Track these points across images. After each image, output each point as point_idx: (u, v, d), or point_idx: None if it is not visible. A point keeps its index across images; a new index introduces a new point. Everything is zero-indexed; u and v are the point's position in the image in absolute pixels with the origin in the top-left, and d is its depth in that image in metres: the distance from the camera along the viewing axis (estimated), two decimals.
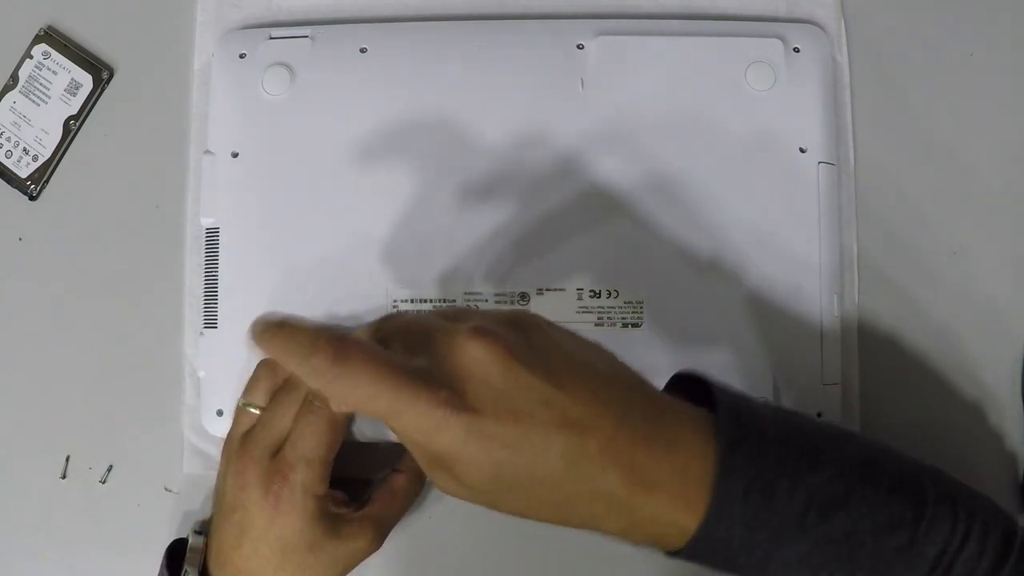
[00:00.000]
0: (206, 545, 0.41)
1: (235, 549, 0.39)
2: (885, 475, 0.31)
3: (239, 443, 0.41)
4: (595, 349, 0.33)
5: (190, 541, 0.42)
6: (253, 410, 0.41)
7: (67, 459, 0.48)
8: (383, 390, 0.29)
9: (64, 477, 0.48)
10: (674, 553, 0.31)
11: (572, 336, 0.33)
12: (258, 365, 0.43)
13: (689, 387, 0.34)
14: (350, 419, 0.42)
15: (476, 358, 0.29)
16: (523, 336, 0.31)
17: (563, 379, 0.30)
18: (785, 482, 0.29)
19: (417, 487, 0.43)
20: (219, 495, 0.41)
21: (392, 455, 0.44)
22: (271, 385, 0.41)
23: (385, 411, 0.29)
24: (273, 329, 0.31)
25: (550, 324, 0.33)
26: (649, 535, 0.30)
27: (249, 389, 0.42)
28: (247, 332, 0.32)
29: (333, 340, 0.30)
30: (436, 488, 0.32)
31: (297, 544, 0.38)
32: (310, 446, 0.38)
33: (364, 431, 0.43)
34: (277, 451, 0.39)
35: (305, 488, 0.38)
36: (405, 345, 0.32)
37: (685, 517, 0.30)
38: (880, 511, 0.30)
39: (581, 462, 0.29)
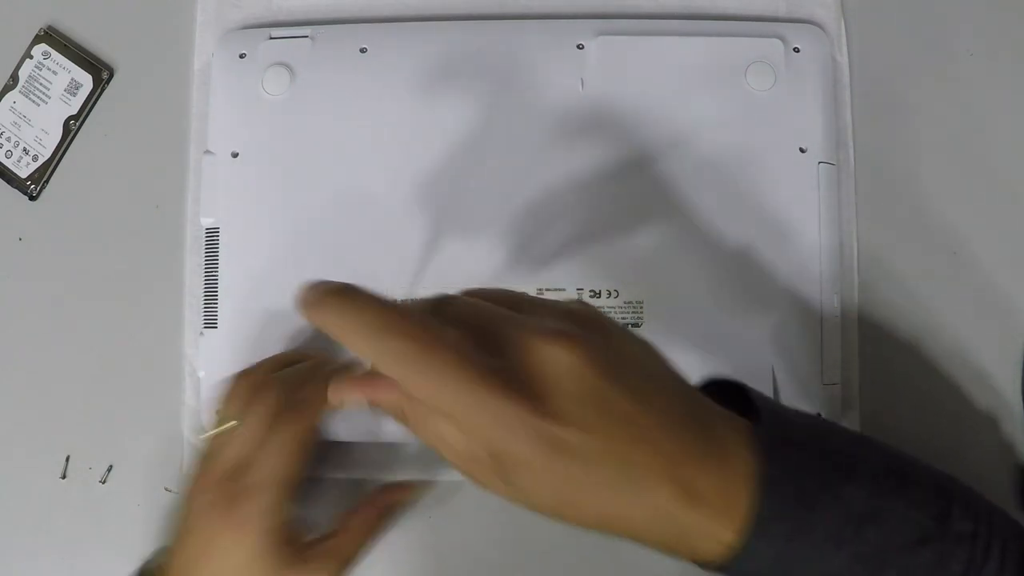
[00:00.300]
0: (165, 568, 0.39)
1: (192, 574, 0.37)
2: (914, 488, 0.31)
3: (202, 462, 0.39)
4: (656, 355, 0.31)
5: (151, 563, 0.41)
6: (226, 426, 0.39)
7: (67, 459, 0.48)
8: (467, 388, 0.27)
9: (64, 477, 0.48)
10: (713, 567, 0.30)
11: (636, 339, 0.31)
12: (234, 377, 0.41)
13: (718, 391, 0.34)
14: (318, 435, 0.41)
15: (560, 362, 0.28)
16: (600, 339, 0.29)
17: (640, 394, 0.29)
18: (824, 495, 0.29)
19: (386, 522, 0.42)
20: (180, 516, 0.39)
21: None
22: (246, 400, 0.39)
23: (460, 408, 0.28)
24: (338, 296, 0.29)
25: (613, 323, 0.31)
26: (691, 549, 0.29)
27: (225, 402, 0.41)
28: (297, 299, 0.30)
29: (421, 325, 0.28)
30: (474, 484, 0.30)
31: (253, 573, 0.36)
32: (274, 469, 0.37)
33: (344, 432, 0.43)
34: (241, 471, 0.37)
35: (265, 514, 0.36)
36: (474, 336, 0.29)
37: (728, 531, 0.29)
38: (910, 526, 0.30)
39: (644, 479, 0.28)
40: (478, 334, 0.29)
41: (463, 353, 0.28)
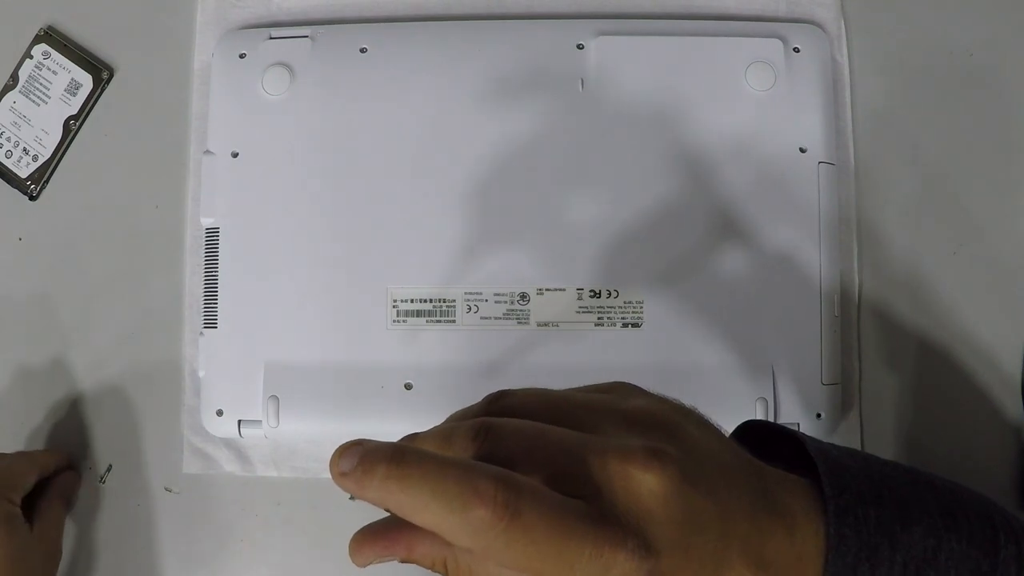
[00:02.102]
0: None
1: None
2: (964, 524, 0.30)
3: None
4: (716, 433, 0.29)
5: None
6: None
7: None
8: (561, 546, 0.24)
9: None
10: None
11: (697, 421, 0.29)
12: None
13: (755, 436, 0.32)
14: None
15: (652, 489, 0.25)
16: (679, 447, 0.27)
17: (718, 490, 0.27)
18: (886, 548, 0.28)
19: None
20: None
21: None
22: None
23: (554, 567, 0.24)
24: (394, 466, 0.25)
25: (678, 412, 0.29)
26: None
27: None
28: (335, 469, 0.25)
29: (499, 485, 0.24)
30: None
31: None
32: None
33: None
34: None
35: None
36: (544, 470, 0.26)
37: None
38: (963, 565, 0.29)
39: (726, 571, 0.26)
40: (550, 467, 0.26)
41: (559, 509, 0.24)
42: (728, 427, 0.32)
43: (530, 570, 0.25)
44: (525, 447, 0.26)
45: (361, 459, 0.25)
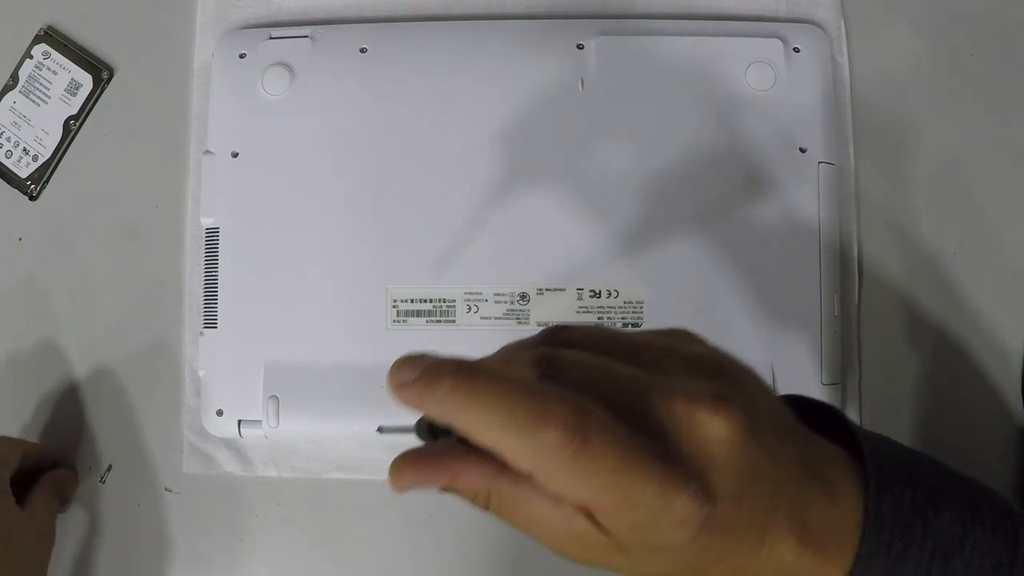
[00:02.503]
0: None
1: None
2: (988, 516, 0.30)
3: None
4: (770, 393, 0.29)
5: None
6: None
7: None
8: (626, 479, 0.24)
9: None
10: None
11: (755, 379, 0.29)
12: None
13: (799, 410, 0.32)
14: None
15: (720, 438, 0.25)
16: (743, 396, 0.26)
17: (774, 448, 0.26)
18: (919, 529, 0.28)
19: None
20: None
21: None
22: None
23: (613, 499, 0.24)
24: (461, 380, 0.24)
25: (737, 365, 0.28)
26: None
27: None
28: (395, 380, 0.25)
29: (572, 408, 0.23)
30: (570, 560, 0.27)
31: None
32: None
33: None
34: None
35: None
36: (604, 402, 0.25)
37: (837, 572, 0.27)
38: (986, 555, 0.29)
39: (774, 532, 0.27)
40: (613, 401, 0.25)
41: (628, 440, 0.24)
42: None
43: (589, 500, 0.24)
44: (588, 380, 0.26)
45: (425, 370, 0.24)
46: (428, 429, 0.28)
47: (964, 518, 0.29)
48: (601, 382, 0.26)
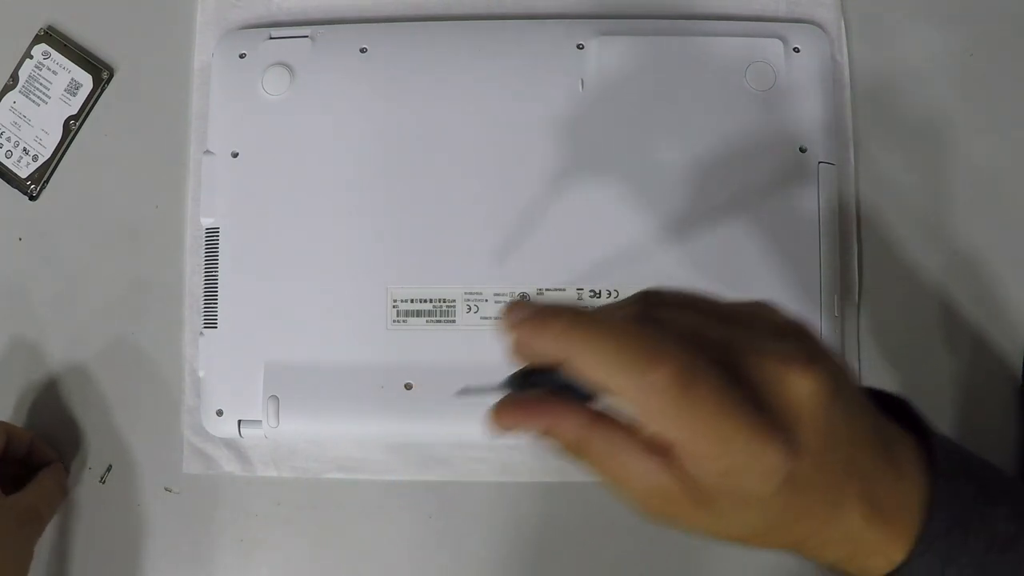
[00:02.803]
0: None
1: None
2: None
3: None
4: (848, 368, 0.30)
5: None
6: None
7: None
8: (723, 424, 0.25)
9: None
10: None
11: (833, 351, 0.30)
12: None
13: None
14: None
15: (808, 397, 0.26)
16: (828, 361, 0.27)
17: (851, 415, 0.28)
18: (976, 520, 0.29)
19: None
20: None
21: None
22: None
23: (708, 444, 0.25)
24: (574, 317, 0.26)
25: (817, 336, 0.29)
26: (862, 566, 0.29)
27: None
28: (508, 321, 0.26)
29: (681, 351, 0.25)
30: (650, 519, 0.28)
31: None
32: None
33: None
34: None
35: None
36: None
37: (898, 549, 0.29)
38: None
39: (846, 500, 0.28)
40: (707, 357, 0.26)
41: (727, 392, 0.25)
42: None
43: (686, 443, 0.25)
44: (692, 334, 0.27)
45: (541, 310, 0.26)
46: (522, 380, 0.28)
47: (1019, 515, 0.30)
48: (697, 339, 0.27)
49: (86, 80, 0.50)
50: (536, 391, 0.28)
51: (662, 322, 0.27)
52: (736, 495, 0.26)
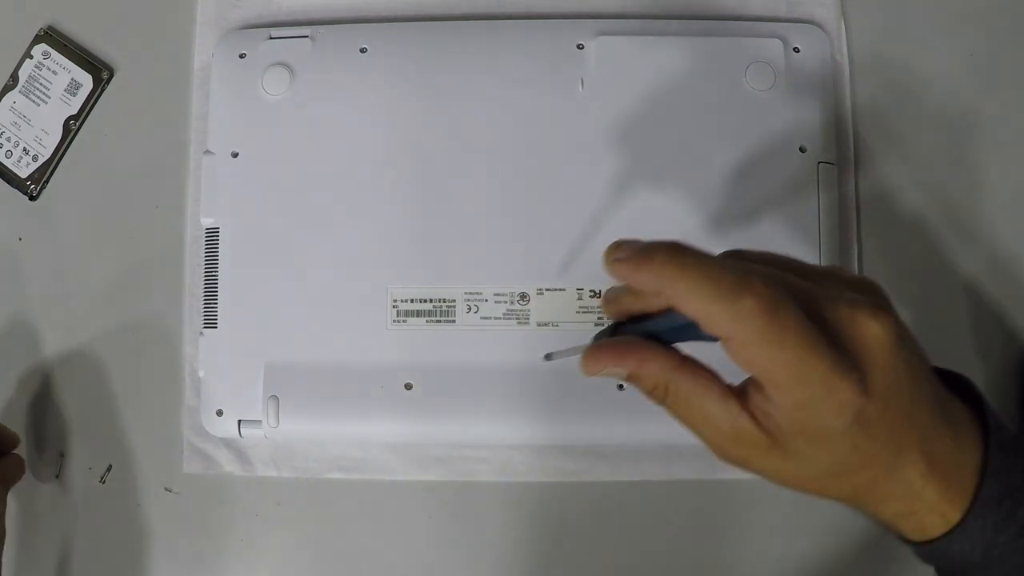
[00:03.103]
0: None
1: None
2: None
3: None
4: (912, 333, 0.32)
5: None
6: None
7: (60, 456, 0.48)
8: (806, 357, 0.27)
9: (58, 476, 0.48)
10: (924, 547, 0.31)
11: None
12: None
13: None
14: None
15: (878, 337, 0.28)
16: (895, 314, 0.30)
17: (914, 368, 0.29)
18: None
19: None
20: None
21: None
22: None
23: (791, 376, 0.27)
24: (672, 252, 0.28)
25: (878, 285, 0.32)
26: (919, 523, 0.31)
27: None
28: (612, 256, 0.29)
29: (768, 283, 0.27)
30: (727, 462, 0.30)
31: None
32: None
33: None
34: None
35: None
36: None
37: (954, 509, 0.30)
38: None
39: (907, 451, 0.29)
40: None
41: (799, 318, 0.27)
42: None
43: (770, 371, 0.27)
44: (777, 282, 0.28)
45: (640, 248, 0.29)
46: (609, 336, 0.31)
47: None
48: (784, 285, 0.28)
49: (86, 80, 0.50)
50: (626, 336, 0.30)
51: (749, 266, 0.29)
52: (810, 431, 0.28)
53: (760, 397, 0.29)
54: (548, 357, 0.36)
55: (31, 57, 0.50)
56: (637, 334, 0.30)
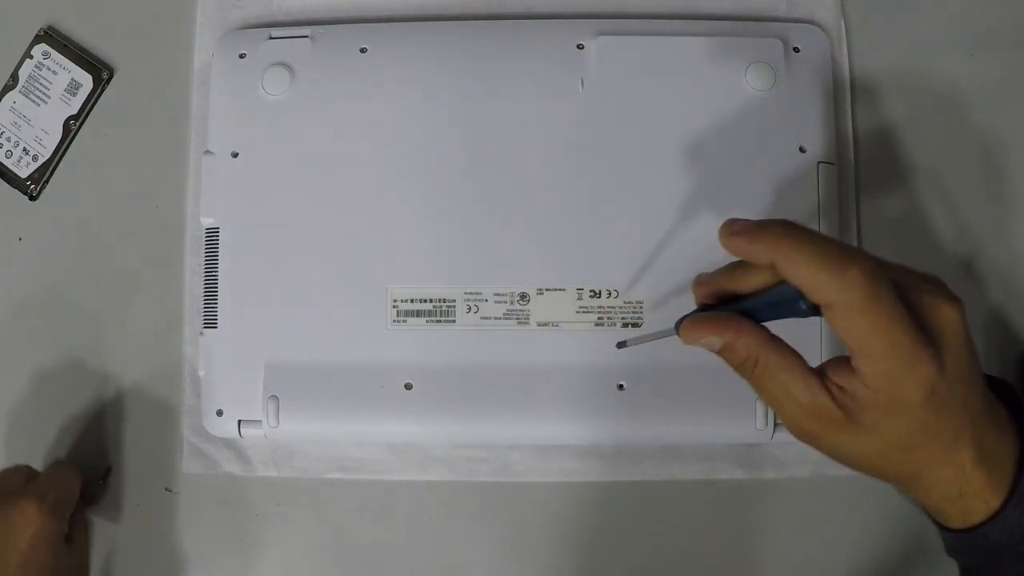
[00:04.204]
0: None
1: None
2: None
3: None
4: None
5: None
6: None
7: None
8: (896, 330, 0.29)
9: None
10: (964, 532, 0.33)
11: None
12: None
13: None
14: None
15: (953, 320, 0.31)
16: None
17: (974, 370, 0.32)
18: None
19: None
20: None
21: None
22: None
23: (880, 348, 0.30)
24: (785, 227, 0.31)
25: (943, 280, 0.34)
26: (963, 508, 0.33)
27: None
28: (722, 231, 0.32)
29: (871, 258, 0.30)
30: (799, 437, 0.33)
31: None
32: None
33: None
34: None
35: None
36: None
37: (996, 496, 0.32)
38: None
39: (961, 435, 0.31)
40: None
41: (893, 296, 0.30)
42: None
43: (866, 340, 0.30)
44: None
45: (756, 223, 0.32)
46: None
47: None
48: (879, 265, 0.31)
49: (86, 80, 0.50)
50: (723, 311, 0.33)
51: (852, 246, 0.32)
52: (889, 401, 0.30)
53: (840, 375, 0.31)
54: (621, 345, 0.38)
55: (31, 57, 0.50)
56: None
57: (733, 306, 0.33)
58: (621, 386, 0.44)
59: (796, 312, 0.31)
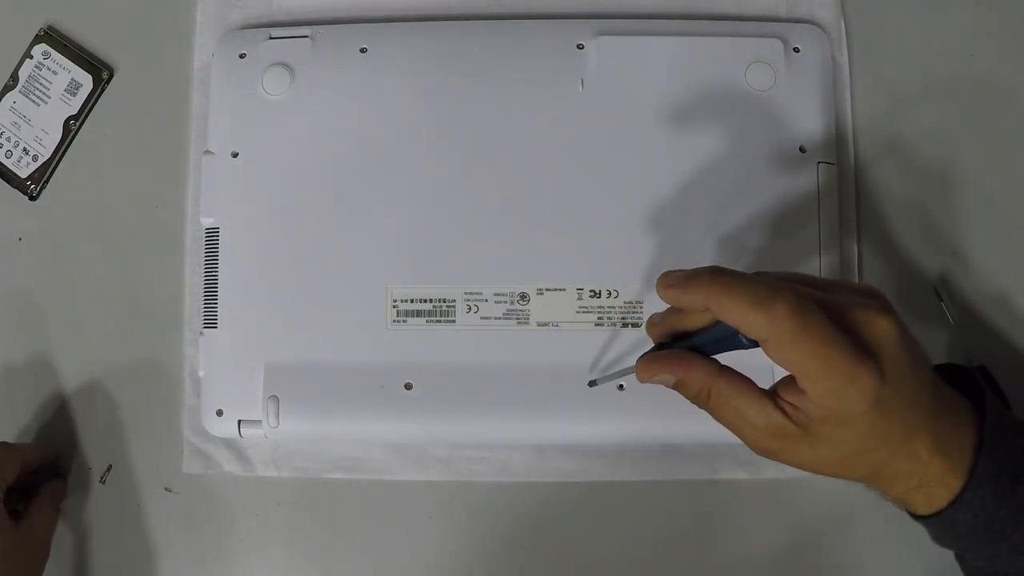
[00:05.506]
0: None
1: None
2: None
3: None
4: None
5: None
6: None
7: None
8: (830, 353, 0.31)
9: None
10: (931, 518, 0.35)
11: None
12: None
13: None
14: None
15: (888, 332, 0.32)
16: (895, 309, 0.34)
17: (918, 358, 0.33)
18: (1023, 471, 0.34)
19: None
20: None
21: None
22: None
23: (818, 369, 0.31)
24: (719, 276, 0.33)
25: (879, 290, 0.36)
26: (928, 495, 0.34)
27: None
28: (660, 283, 0.34)
29: (795, 293, 0.31)
30: (761, 454, 0.35)
31: None
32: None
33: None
34: None
35: None
36: None
37: (957, 480, 0.34)
38: None
39: (914, 430, 0.33)
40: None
41: (824, 318, 0.31)
42: None
43: (802, 365, 0.31)
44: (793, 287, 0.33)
45: (687, 273, 0.33)
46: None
47: None
48: (801, 289, 0.33)
49: (86, 80, 0.50)
50: (673, 349, 0.35)
51: (777, 281, 0.33)
52: (837, 415, 0.32)
53: (791, 394, 0.33)
54: (592, 384, 0.41)
55: (31, 57, 0.50)
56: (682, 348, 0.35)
57: (686, 342, 0.35)
58: (621, 386, 0.44)
59: (739, 345, 0.33)
